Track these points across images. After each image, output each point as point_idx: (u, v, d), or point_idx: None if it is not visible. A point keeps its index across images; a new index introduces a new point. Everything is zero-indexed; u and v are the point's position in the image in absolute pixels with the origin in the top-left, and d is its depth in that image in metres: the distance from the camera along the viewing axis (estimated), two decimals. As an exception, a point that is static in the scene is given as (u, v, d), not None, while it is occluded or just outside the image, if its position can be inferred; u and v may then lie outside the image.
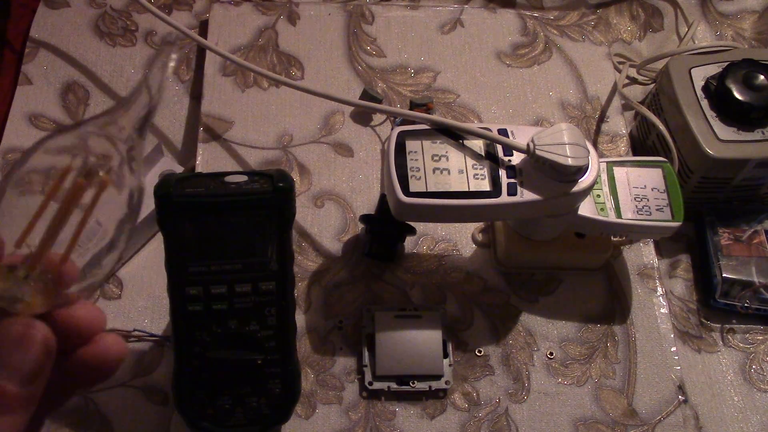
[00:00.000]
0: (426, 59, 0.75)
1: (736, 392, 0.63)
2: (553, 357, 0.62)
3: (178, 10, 0.78)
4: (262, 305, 0.51)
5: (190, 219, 0.50)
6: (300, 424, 0.57)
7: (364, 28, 0.77)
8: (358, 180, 0.68)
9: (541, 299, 0.64)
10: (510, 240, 0.63)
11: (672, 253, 0.69)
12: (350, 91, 0.72)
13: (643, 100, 0.76)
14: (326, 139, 0.70)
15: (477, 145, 0.56)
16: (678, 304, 0.67)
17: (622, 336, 0.63)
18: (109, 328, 0.60)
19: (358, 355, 0.60)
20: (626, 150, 0.72)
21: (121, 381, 0.59)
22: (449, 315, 0.62)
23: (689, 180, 0.67)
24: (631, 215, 0.59)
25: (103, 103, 0.72)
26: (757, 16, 0.83)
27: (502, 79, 0.75)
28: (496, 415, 0.59)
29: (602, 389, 0.60)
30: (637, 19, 0.83)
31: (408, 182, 0.54)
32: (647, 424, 0.59)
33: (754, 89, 0.65)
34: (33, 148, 0.35)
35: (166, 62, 0.36)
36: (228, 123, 0.70)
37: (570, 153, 0.53)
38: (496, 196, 0.54)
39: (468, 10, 0.79)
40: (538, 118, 0.73)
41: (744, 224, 0.68)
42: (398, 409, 0.59)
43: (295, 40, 0.75)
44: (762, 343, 0.65)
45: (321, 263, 0.64)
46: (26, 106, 0.71)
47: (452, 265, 0.65)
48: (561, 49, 0.77)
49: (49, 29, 0.75)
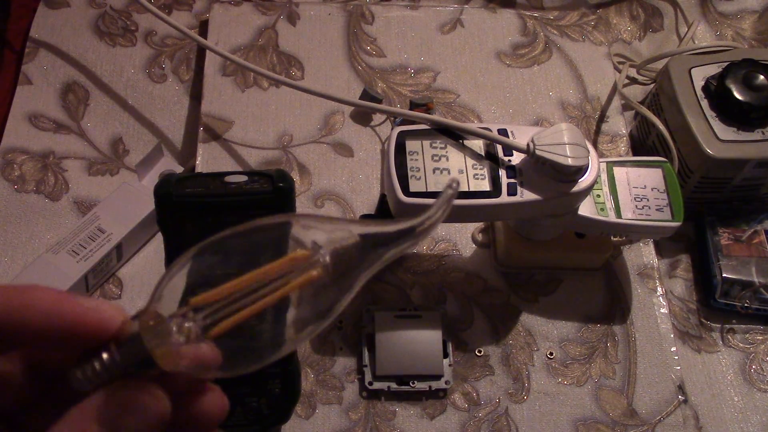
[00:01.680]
0: (426, 59, 0.75)
1: (736, 392, 0.63)
2: (553, 357, 0.62)
3: (178, 10, 0.78)
4: (262, 305, 0.51)
5: (190, 219, 0.50)
6: (300, 424, 0.57)
7: (364, 28, 0.77)
8: (358, 180, 0.68)
9: (541, 299, 0.64)
10: (510, 240, 0.63)
11: (672, 253, 0.69)
12: (350, 91, 0.72)
13: (643, 100, 0.76)
14: (326, 139, 0.70)
15: (477, 145, 0.56)
16: (678, 304, 0.67)
17: (622, 336, 0.63)
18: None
19: (358, 355, 0.60)
20: (626, 150, 0.72)
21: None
22: (449, 315, 0.62)
23: (689, 180, 0.67)
24: (631, 215, 0.59)
25: (103, 103, 0.72)
26: (757, 16, 0.83)
27: (502, 79, 0.75)
28: (496, 415, 0.59)
29: (602, 389, 0.60)
30: (637, 19, 0.83)
31: (408, 182, 0.54)
32: (647, 424, 0.59)
33: (754, 89, 0.65)
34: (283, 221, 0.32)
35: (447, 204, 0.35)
36: (228, 123, 0.70)
37: (570, 153, 0.53)
38: (496, 196, 0.54)
39: (468, 10, 0.79)
40: (538, 118, 0.73)
41: (744, 224, 0.68)
42: (398, 409, 0.59)
43: (295, 40, 0.75)
44: (762, 343, 0.65)
45: (321, 263, 0.64)
46: (26, 106, 0.71)
47: (452, 265, 0.65)
48: (561, 49, 0.77)
49: (49, 29, 0.75)
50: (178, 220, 0.50)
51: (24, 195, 0.66)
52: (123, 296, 0.63)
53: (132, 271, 0.64)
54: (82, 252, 0.61)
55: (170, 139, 0.71)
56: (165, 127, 0.72)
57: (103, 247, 0.61)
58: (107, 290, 0.63)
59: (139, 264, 0.65)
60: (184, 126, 0.72)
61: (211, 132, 0.69)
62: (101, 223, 0.62)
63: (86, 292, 0.61)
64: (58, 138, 0.70)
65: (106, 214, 0.63)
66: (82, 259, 0.60)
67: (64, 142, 0.69)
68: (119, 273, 0.64)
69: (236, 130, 0.69)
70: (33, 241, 0.64)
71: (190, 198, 0.50)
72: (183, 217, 0.50)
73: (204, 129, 0.69)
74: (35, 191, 0.67)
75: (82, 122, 0.71)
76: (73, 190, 0.67)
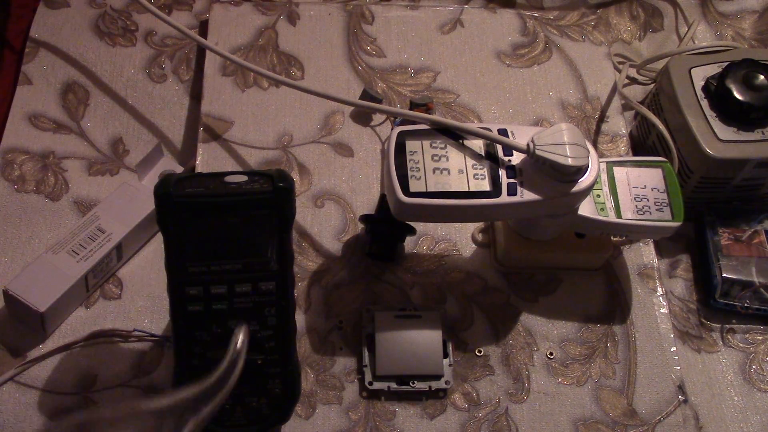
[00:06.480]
0: (426, 59, 0.75)
1: (736, 392, 0.63)
2: (553, 357, 0.62)
3: (178, 10, 0.78)
4: (262, 305, 0.51)
5: (190, 219, 0.50)
6: (300, 424, 0.57)
7: (364, 28, 0.77)
8: (358, 180, 0.68)
9: (541, 299, 0.64)
10: (510, 240, 0.63)
11: (672, 253, 0.69)
12: (350, 91, 0.72)
13: (643, 100, 0.76)
14: (326, 139, 0.70)
15: (477, 145, 0.56)
16: (678, 304, 0.67)
17: (622, 336, 0.63)
18: (109, 328, 0.61)
19: (358, 355, 0.60)
20: (626, 150, 0.72)
21: (121, 381, 0.59)
22: (449, 315, 0.62)
23: (689, 180, 0.67)
24: (631, 215, 0.59)
25: (103, 103, 0.72)
26: (757, 16, 0.83)
27: (502, 79, 0.75)
28: (496, 415, 0.59)
29: (602, 389, 0.60)
30: (637, 19, 0.83)
31: (408, 182, 0.54)
32: (647, 424, 0.59)
33: (754, 89, 0.65)
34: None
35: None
36: (228, 123, 0.70)
37: (570, 153, 0.53)
38: (496, 196, 0.54)
39: (468, 10, 0.79)
40: (538, 118, 0.73)
41: (744, 224, 0.68)
42: (398, 409, 0.59)
43: (295, 40, 0.75)
44: (762, 343, 0.65)
45: (321, 263, 0.64)
46: (26, 106, 0.71)
47: (452, 265, 0.65)
48: (561, 49, 0.77)
49: (49, 29, 0.75)
50: (178, 220, 0.50)
51: (24, 195, 0.66)
52: (123, 296, 0.63)
53: (132, 271, 0.64)
54: (82, 252, 0.61)
55: (170, 139, 0.71)
56: (165, 127, 0.72)
57: (103, 247, 0.61)
58: (107, 290, 0.63)
59: (139, 264, 0.65)
60: (184, 126, 0.72)
61: (211, 132, 0.69)
62: (101, 223, 0.62)
63: (86, 292, 0.62)
64: (58, 138, 0.70)
65: (106, 214, 0.63)
66: (82, 259, 0.60)
67: (64, 142, 0.69)
68: (119, 273, 0.64)
69: (236, 130, 0.69)
70: (33, 241, 0.64)
71: (190, 198, 0.50)
72: (183, 217, 0.50)
73: (204, 129, 0.69)
74: (35, 191, 0.67)
75: (82, 122, 0.71)
76: (73, 190, 0.67)
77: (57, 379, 0.58)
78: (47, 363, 0.59)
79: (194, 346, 0.51)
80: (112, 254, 0.62)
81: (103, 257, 0.61)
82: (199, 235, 0.51)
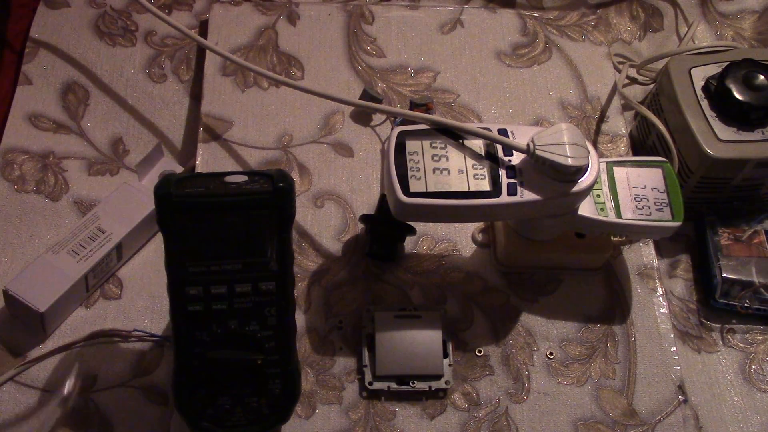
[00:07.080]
0: (426, 59, 0.75)
1: (736, 392, 0.63)
2: (553, 357, 0.62)
3: (178, 10, 0.78)
4: (262, 305, 0.51)
5: (190, 219, 0.50)
6: (300, 424, 0.57)
7: (364, 28, 0.77)
8: (358, 180, 0.68)
9: (541, 299, 0.64)
10: (510, 240, 0.63)
11: (672, 253, 0.69)
12: (350, 91, 0.72)
13: (643, 100, 0.76)
14: (326, 139, 0.70)
15: (477, 145, 0.56)
16: (678, 304, 0.67)
17: (622, 336, 0.63)
18: (109, 328, 0.61)
19: (358, 355, 0.60)
20: (626, 150, 0.72)
21: (121, 381, 0.59)
22: (449, 315, 0.62)
23: (689, 180, 0.67)
24: (631, 215, 0.59)
25: (103, 103, 0.72)
26: (757, 16, 0.83)
27: (502, 79, 0.75)
28: (496, 415, 0.59)
29: (602, 389, 0.60)
30: (637, 19, 0.83)
31: (408, 182, 0.54)
32: (647, 424, 0.59)
33: (754, 89, 0.65)
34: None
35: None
36: (228, 123, 0.70)
37: (570, 153, 0.53)
38: (496, 196, 0.54)
39: (468, 10, 0.79)
40: (538, 118, 0.73)
41: (744, 224, 0.68)
42: (398, 409, 0.59)
43: (295, 40, 0.75)
44: (762, 343, 0.65)
45: (321, 263, 0.64)
46: (26, 106, 0.71)
47: (452, 265, 0.65)
48: (561, 49, 0.77)
49: (49, 29, 0.75)
50: (178, 220, 0.50)
51: (24, 195, 0.66)
52: (123, 296, 0.63)
53: (132, 271, 0.64)
54: (82, 252, 0.61)
55: (170, 139, 0.71)
56: (165, 127, 0.72)
57: (103, 247, 0.61)
58: (107, 290, 0.63)
59: (139, 264, 0.65)
60: (184, 126, 0.72)
61: (211, 132, 0.69)
62: (101, 223, 0.62)
63: (86, 292, 0.62)
64: (58, 138, 0.70)
65: (106, 214, 0.63)
66: (82, 259, 0.60)
67: (64, 142, 0.69)
68: (119, 273, 0.64)
69: (236, 130, 0.69)
70: (33, 241, 0.64)
71: (190, 198, 0.50)
72: (183, 217, 0.50)
73: (204, 129, 0.69)
74: (35, 191, 0.67)
75: (82, 122, 0.71)
76: (73, 190, 0.67)
77: (57, 379, 0.58)
78: (47, 363, 0.59)
79: (194, 346, 0.51)
80: (112, 254, 0.62)
81: (103, 257, 0.61)
82: (199, 235, 0.51)
